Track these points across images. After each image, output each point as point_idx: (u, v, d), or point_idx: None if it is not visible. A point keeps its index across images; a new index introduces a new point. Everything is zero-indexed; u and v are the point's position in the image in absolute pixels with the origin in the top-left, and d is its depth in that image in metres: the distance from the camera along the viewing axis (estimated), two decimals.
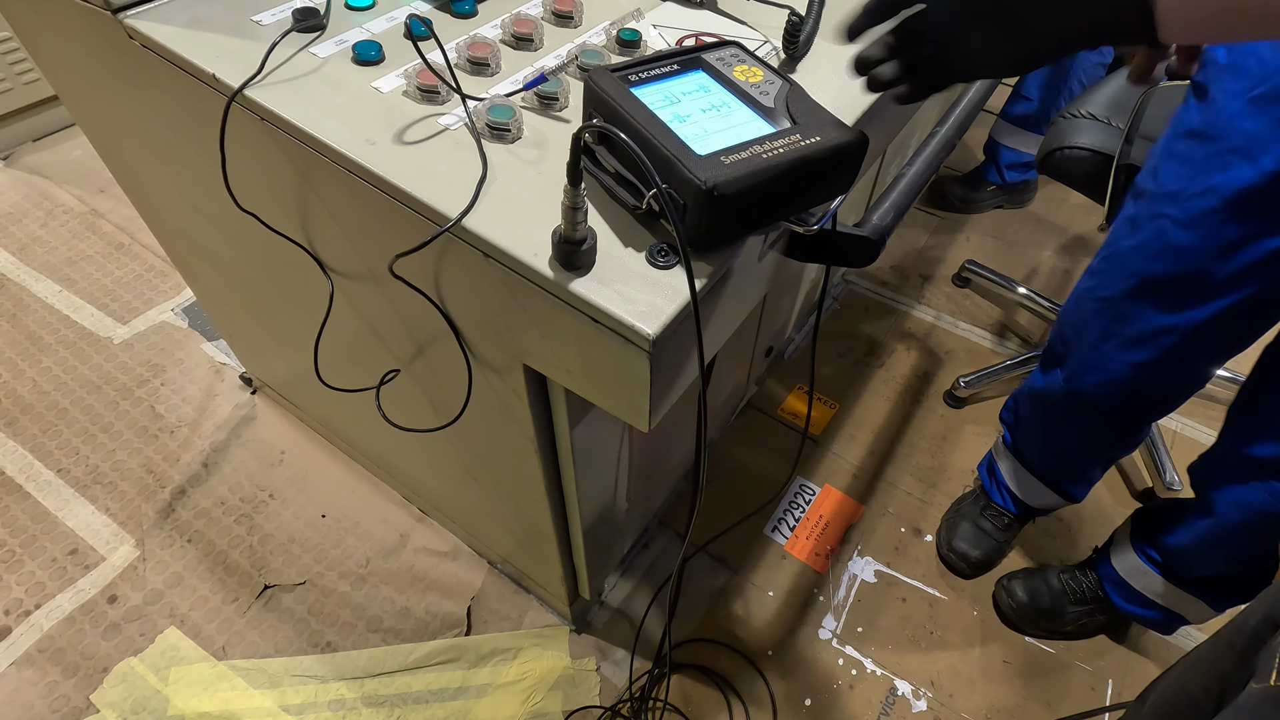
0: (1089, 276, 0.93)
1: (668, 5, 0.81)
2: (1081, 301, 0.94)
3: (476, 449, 0.89)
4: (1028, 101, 1.72)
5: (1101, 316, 0.90)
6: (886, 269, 1.81)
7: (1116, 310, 0.88)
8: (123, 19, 0.66)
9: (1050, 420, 1.08)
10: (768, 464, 1.39)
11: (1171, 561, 1.02)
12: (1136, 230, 0.85)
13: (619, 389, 0.56)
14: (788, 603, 1.21)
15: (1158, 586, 1.04)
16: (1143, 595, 1.07)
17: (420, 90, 0.63)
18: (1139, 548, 1.06)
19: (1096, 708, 1.12)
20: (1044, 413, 1.08)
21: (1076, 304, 0.95)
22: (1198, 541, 0.96)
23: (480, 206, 0.55)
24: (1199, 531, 0.95)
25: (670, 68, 0.58)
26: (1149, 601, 1.07)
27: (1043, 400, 1.07)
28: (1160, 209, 0.81)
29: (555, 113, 0.65)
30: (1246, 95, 0.73)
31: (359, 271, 0.73)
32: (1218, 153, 0.75)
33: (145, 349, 1.51)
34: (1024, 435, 1.16)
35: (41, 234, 1.72)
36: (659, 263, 0.53)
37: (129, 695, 1.08)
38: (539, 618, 1.17)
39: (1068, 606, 1.16)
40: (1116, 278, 0.87)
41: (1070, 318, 0.97)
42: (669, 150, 0.50)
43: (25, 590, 1.18)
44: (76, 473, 1.32)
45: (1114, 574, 1.11)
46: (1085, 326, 0.93)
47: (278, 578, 1.20)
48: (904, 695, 1.12)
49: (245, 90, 0.61)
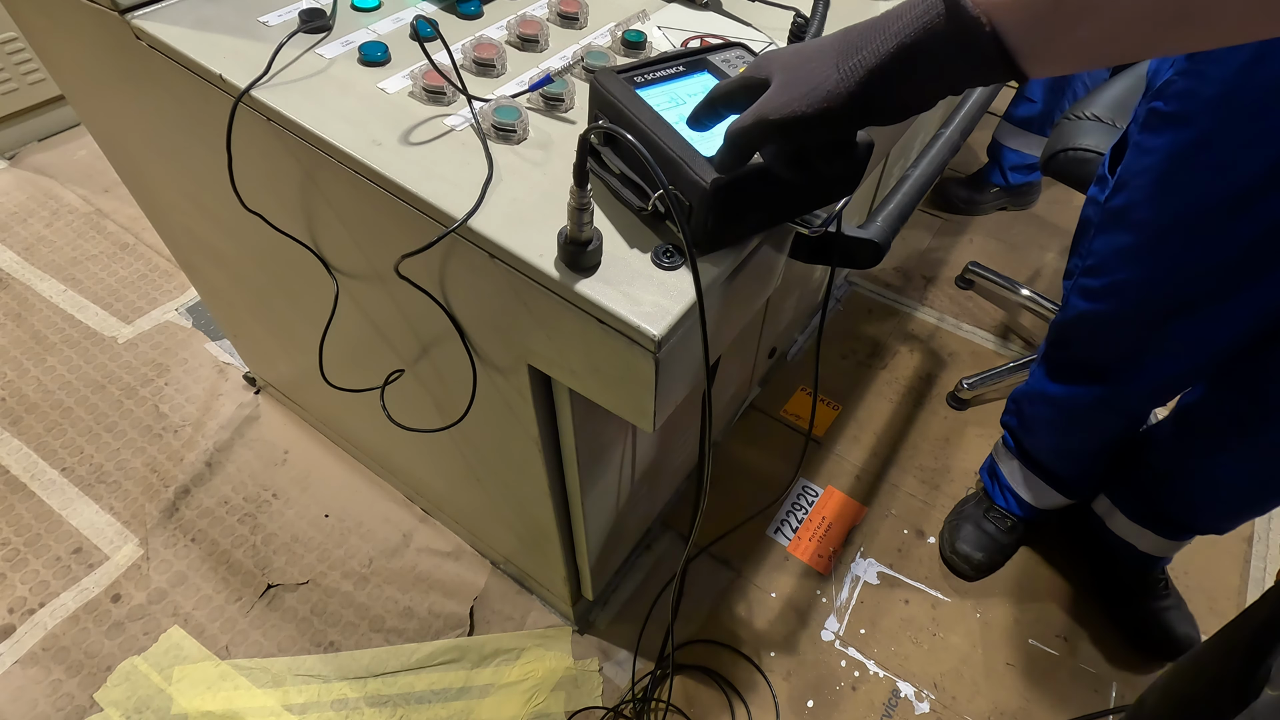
0: (1113, 297, 0.90)
1: (673, 7, 0.81)
2: (1110, 323, 0.92)
3: (480, 449, 0.89)
4: (1031, 104, 1.72)
5: (1143, 338, 0.90)
6: (890, 270, 1.80)
7: (1162, 332, 0.88)
8: (130, 19, 0.66)
9: (1073, 426, 1.08)
10: (771, 465, 1.39)
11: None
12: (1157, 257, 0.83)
13: (624, 390, 0.56)
14: (790, 604, 1.21)
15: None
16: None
17: (426, 91, 0.63)
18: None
19: (1100, 710, 1.12)
20: (1066, 419, 1.08)
21: (1107, 324, 0.93)
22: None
23: (486, 207, 0.55)
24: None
25: (676, 69, 0.58)
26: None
27: (1064, 407, 1.06)
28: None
29: (561, 114, 0.65)
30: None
31: (364, 272, 0.73)
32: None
33: (149, 348, 1.52)
34: (1035, 439, 1.16)
35: (47, 234, 1.73)
36: (664, 264, 0.53)
37: (132, 694, 1.08)
38: (542, 618, 1.17)
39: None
40: (1150, 304, 0.86)
41: (1103, 337, 0.95)
42: (674, 152, 0.50)
43: (29, 589, 1.18)
44: (80, 472, 1.32)
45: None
46: (1123, 345, 0.93)
47: (281, 577, 1.20)
48: (907, 697, 1.12)
49: (252, 91, 0.61)
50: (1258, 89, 0.67)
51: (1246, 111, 0.69)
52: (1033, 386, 1.12)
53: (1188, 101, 0.73)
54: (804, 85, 0.43)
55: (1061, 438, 1.12)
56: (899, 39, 0.40)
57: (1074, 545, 1.29)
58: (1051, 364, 1.07)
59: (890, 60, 0.40)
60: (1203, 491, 1.01)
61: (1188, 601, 1.22)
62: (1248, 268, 0.76)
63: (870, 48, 0.41)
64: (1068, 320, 0.98)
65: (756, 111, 0.45)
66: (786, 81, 0.44)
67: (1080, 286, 0.93)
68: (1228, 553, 1.31)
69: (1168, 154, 0.77)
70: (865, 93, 0.41)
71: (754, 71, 0.47)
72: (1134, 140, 0.81)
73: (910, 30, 0.40)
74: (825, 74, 0.42)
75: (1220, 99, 0.71)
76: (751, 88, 0.47)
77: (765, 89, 0.45)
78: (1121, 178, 0.83)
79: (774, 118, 0.43)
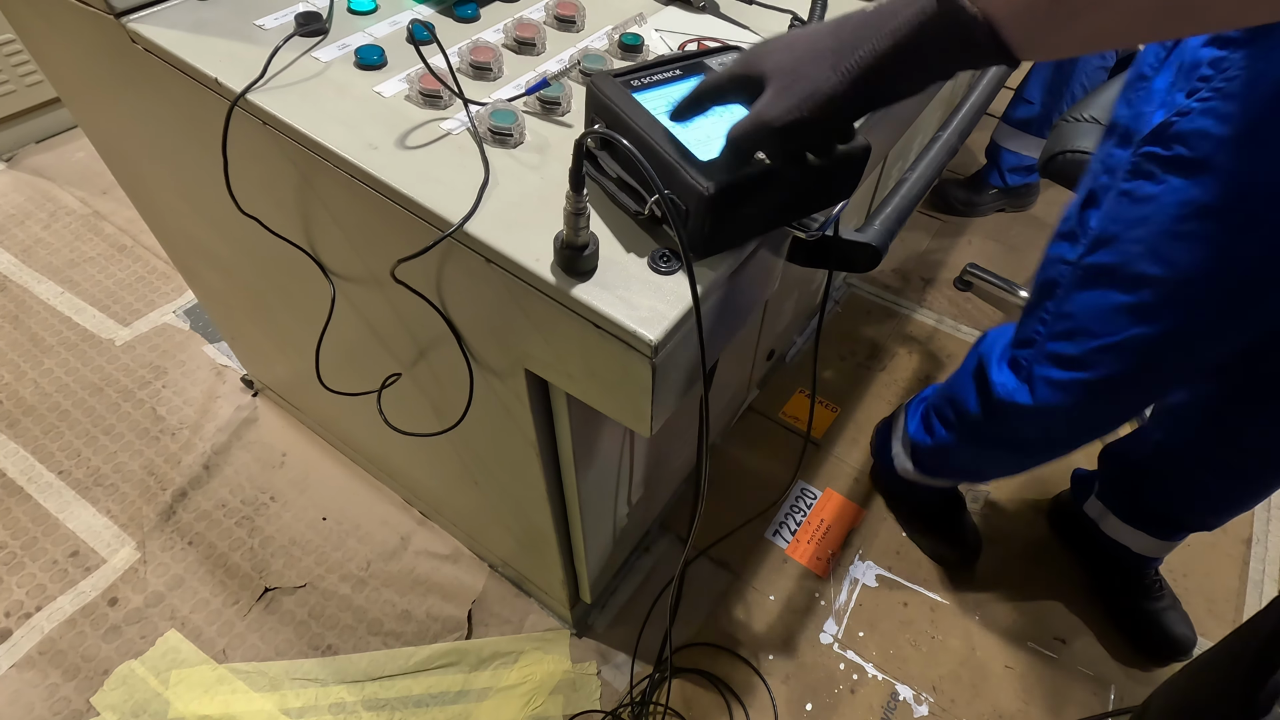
0: (1111, 358, 0.81)
1: (670, 10, 0.81)
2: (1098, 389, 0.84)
3: (478, 452, 0.89)
4: (1029, 105, 1.72)
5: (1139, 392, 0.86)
6: (888, 272, 1.80)
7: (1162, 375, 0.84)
8: (126, 23, 0.66)
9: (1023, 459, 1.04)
10: (769, 467, 1.39)
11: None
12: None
13: (621, 394, 0.56)
14: (789, 607, 1.21)
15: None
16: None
17: (423, 95, 0.63)
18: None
19: (1099, 713, 1.12)
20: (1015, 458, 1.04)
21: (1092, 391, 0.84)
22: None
23: (482, 211, 0.55)
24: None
25: (673, 73, 0.58)
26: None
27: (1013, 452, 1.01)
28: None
29: (557, 118, 0.65)
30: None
31: (361, 275, 0.73)
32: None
33: (147, 351, 1.51)
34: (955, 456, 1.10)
35: (44, 236, 1.72)
36: (661, 268, 0.53)
37: (129, 698, 1.08)
38: (540, 621, 1.17)
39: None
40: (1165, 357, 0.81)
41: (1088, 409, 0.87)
42: (671, 156, 0.50)
43: (26, 592, 1.18)
44: (78, 474, 1.32)
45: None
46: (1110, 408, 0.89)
47: (278, 580, 1.20)
48: (905, 700, 1.12)
49: (248, 94, 0.61)
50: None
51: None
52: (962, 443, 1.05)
53: (1201, 143, 0.67)
54: (803, 90, 0.43)
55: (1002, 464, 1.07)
56: (894, 38, 0.40)
57: (1070, 549, 1.29)
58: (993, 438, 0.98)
59: (887, 59, 0.41)
60: (1192, 489, 1.01)
61: (1187, 604, 1.22)
62: (1255, 289, 0.72)
63: (866, 47, 0.41)
64: (1023, 404, 0.88)
65: (758, 117, 0.45)
66: (785, 86, 0.44)
67: (1051, 354, 0.84)
68: (1227, 555, 1.31)
69: (1179, 201, 0.70)
70: (864, 91, 0.42)
71: (744, 69, 0.47)
72: (1120, 190, 0.75)
73: (906, 28, 0.40)
74: (824, 76, 0.43)
75: (1244, 137, 0.65)
76: (742, 84, 0.47)
77: (757, 87, 0.46)
78: (1107, 231, 0.76)
79: (777, 124, 0.44)
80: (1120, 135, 0.76)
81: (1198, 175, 0.68)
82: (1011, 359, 0.91)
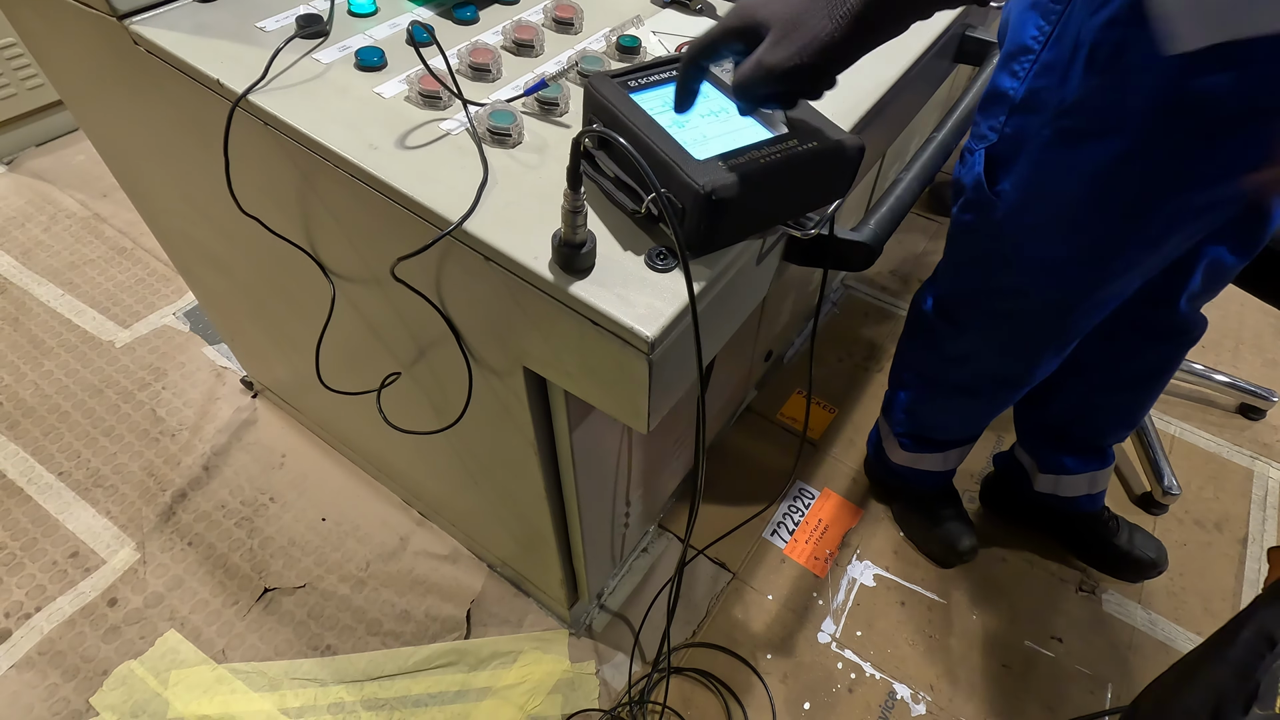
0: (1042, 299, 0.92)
1: (667, 12, 0.81)
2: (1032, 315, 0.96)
3: (477, 452, 0.90)
4: None
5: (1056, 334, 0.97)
6: (885, 273, 1.81)
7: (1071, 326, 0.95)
8: (128, 25, 0.67)
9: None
10: (767, 468, 1.40)
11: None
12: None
13: (618, 391, 0.57)
14: (787, 606, 1.22)
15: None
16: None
17: (422, 95, 0.64)
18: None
19: (1095, 712, 1.12)
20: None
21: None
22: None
23: (481, 210, 0.56)
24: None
25: (670, 74, 0.59)
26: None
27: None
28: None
29: (556, 118, 0.66)
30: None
31: (360, 275, 0.74)
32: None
33: (147, 353, 1.52)
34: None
35: (44, 238, 1.73)
36: (658, 266, 0.54)
37: (129, 698, 1.08)
38: (539, 621, 1.18)
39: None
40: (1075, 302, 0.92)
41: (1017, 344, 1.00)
42: (668, 155, 0.51)
43: (26, 593, 1.18)
44: (77, 476, 1.32)
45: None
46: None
47: (278, 581, 1.21)
48: (903, 699, 1.13)
49: (249, 95, 0.62)
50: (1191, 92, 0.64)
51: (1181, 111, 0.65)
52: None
53: (1110, 114, 0.69)
54: (802, 38, 0.48)
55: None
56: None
57: (1032, 525, 1.31)
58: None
59: (875, 2, 0.46)
60: (1104, 418, 1.14)
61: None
62: (1155, 242, 0.77)
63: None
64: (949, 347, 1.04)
65: (760, 63, 0.49)
66: (784, 33, 0.48)
67: (991, 310, 0.99)
68: (1223, 554, 1.32)
69: (1097, 164, 0.72)
70: (857, 36, 0.47)
71: (741, 20, 0.50)
72: (1037, 158, 0.77)
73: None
74: (820, 25, 0.47)
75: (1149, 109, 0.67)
76: (739, 34, 0.51)
77: (755, 36, 0.50)
78: (1029, 194, 0.79)
79: (779, 70, 0.49)
80: (1034, 108, 0.77)
81: (1110, 141, 0.72)
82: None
